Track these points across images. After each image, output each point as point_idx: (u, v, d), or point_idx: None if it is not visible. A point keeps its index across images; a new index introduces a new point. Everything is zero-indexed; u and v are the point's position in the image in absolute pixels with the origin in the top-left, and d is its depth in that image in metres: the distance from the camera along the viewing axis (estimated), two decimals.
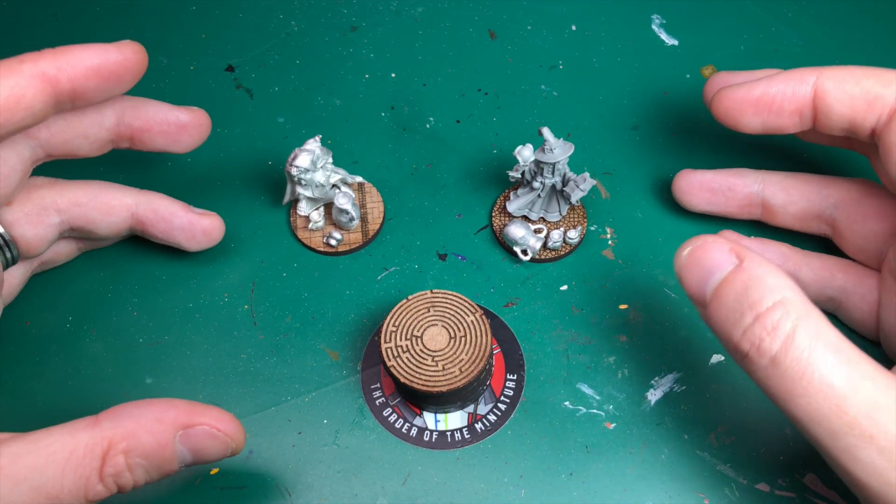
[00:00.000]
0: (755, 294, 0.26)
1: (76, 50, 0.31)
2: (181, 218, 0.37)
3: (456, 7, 0.48)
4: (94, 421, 0.28)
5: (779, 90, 0.33)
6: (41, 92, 0.30)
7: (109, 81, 0.31)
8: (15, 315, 0.38)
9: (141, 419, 0.28)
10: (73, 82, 0.30)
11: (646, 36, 0.46)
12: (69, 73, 0.30)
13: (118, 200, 0.36)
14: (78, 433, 0.27)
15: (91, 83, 0.31)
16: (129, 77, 0.32)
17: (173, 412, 0.28)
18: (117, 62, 0.32)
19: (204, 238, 0.37)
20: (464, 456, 0.34)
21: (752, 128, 0.35)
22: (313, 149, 0.37)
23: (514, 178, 0.38)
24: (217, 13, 0.48)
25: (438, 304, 0.33)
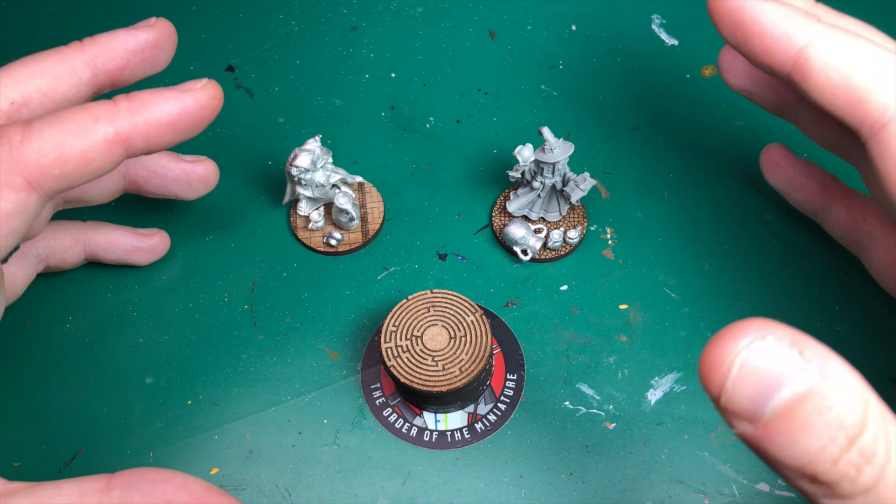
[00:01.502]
0: (842, 412, 0.20)
1: (155, 100, 0.28)
2: (174, 169, 0.36)
3: (456, 7, 0.48)
4: (107, 486, 0.26)
5: (762, 28, 0.27)
6: (113, 155, 0.28)
7: (186, 132, 0.29)
8: (15, 315, 0.38)
9: (151, 497, 0.26)
10: (148, 142, 0.28)
11: (646, 36, 0.46)
12: (145, 133, 0.28)
13: None
14: (87, 497, 0.26)
15: (167, 137, 0.29)
16: (203, 124, 0.30)
17: (185, 496, 0.26)
18: (195, 113, 0.29)
19: (201, 185, 0.37)
20: (464, 456, 0.34)
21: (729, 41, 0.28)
22: (313, 149, 0.37)
23: (514, 178, 0.38)
24: (217, 13, 0.48)
25: (438, 304, 0.33)
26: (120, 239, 0.37)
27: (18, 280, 0.36)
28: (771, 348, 0.20)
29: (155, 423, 0.35)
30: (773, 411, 0.20)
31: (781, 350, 0.20)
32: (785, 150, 0.37)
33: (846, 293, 0.37)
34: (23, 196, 0.27)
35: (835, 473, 0.20)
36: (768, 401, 0.20)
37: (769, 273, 0.38)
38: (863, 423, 0.20)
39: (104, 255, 0.37)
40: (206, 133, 0.43)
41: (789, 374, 0.20)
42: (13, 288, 0.35)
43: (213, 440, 0.35)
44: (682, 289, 0.38)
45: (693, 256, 0.39)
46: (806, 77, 0.26)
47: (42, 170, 0.27)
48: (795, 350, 0.20)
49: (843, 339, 0.36)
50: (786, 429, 0.20)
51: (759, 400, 0.20)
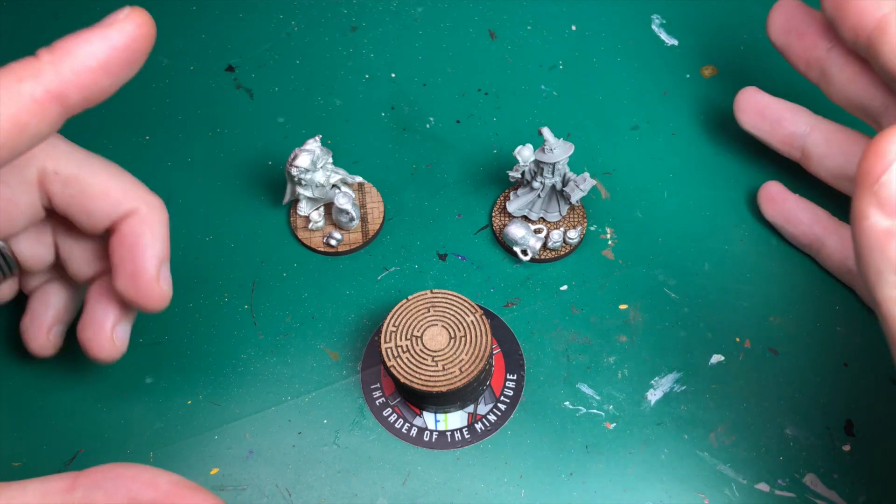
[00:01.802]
0: None
1: (76, 46, 0.25)
2: None
3: (456, 7, 0.48)
4: (71, 485, 0.25)
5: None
6: (48, 114, 0.25)
7: (122, 71, 0.27)
8: (15, 315, 0.38)
9: (115, 495, 0.25)
10: (82, 91, 0.26)
11: (646, 36, 0.46)
12: (76, 83, 0.26)
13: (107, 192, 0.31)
14: (49, 497, 0.25)
15: (103, 83, 0.26)
16: (140, 57, 0.27)
17: (151, 493, 0.25)
18: (125, 45, 0.26)
19: None
20: (464, 456, 0.34)
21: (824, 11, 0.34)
22: (313, 149, 0.37)
23: (514, 178, 0.38)
24: (217, 13, 0.48)
25: (438, 304, 0.33)
26: None
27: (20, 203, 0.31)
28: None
29: (155, 423, 0.35)
30: None
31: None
32: (780, 186, 0.39)
33: (846, 293, 0.38)
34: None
35: None
36: None
37: (769, 273, 0.38)
38: None
39: None
40: (207, 133, 0.43)
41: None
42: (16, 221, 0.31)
43: (213, 440, 0.35)
44: (682, 289, 0.38)
45: (693, 256, 0.39)
46: (882, 36, 0.31)
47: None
48: None
49: (843, 339, 0.36)
50: None
51: None
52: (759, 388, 0.35)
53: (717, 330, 0.37)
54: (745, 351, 0.36)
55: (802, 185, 0.39)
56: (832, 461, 0.34)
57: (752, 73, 0.44)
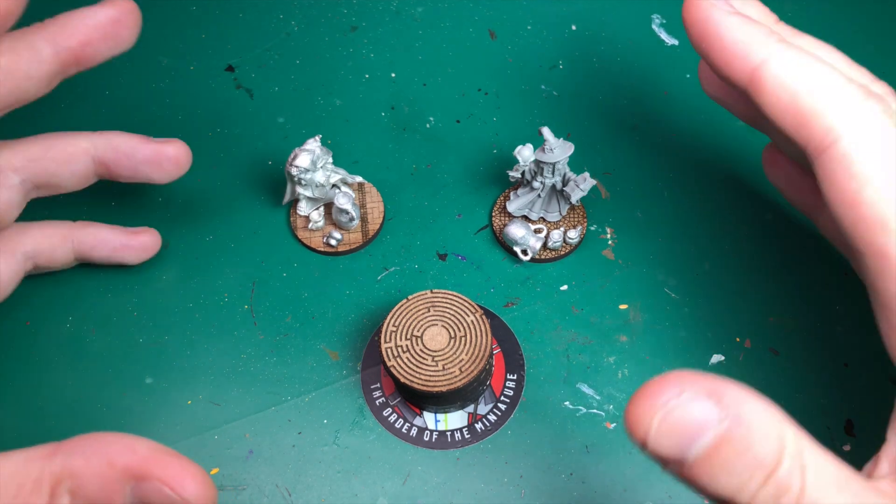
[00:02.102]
0: (760, 451, 0.22)
1: (70, 14, 0.30)
2: (144, 151, 0.35)
3: (456, 7, 0.48)
4: (52, 451, 0.25)
5: (723, 44, 0.28)
6: (46, 66, 0.29)
7: (107, 42, 0.31)
8: (15, 315, 0.38)
9: (91, 459, 0.25)
10: (74, 50, 0.30)
11: (646, 36, 0.46)
12: (68, 33, 0.30)
13: (74, 146, 0.35)
14: (30, 463, 0.25)
15: (93, 48, 0.30)
16: (126, 33, 0.32)
17: (128, 457, 0.25)
18: (111, 17, 0.31)
19: (172, 167, 0.36)
20: (464, 456, 0.34)
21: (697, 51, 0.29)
22: (313, 149, 0.37)
23: (514, 178, 0.38)
24: (217, 13, 0.48)
25: (438, 304, 0.33)
26: (109, 237, 0.37)
27: (3, 277, 0.35)
28: (688, 403, 0.22)
29: (155, 423, 0.35)
30: (695, 456, 0.22)
31: (698, 403, 0.22)
32: None
33: (846, 293, 0.37)
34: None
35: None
36: (690, 448, 0.22)
37: (769, 273, 0.38)
38: (778, 459, 0.22)
39: (93, 253, 0.37)
40: (207, 133, 0.43)
41: (707, 424, 0.22)
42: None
43: (213, 440, 0.35)
44: (682, 289, 0.38)
45: (693, 256, 0.39)
46: (759, 93, 0.27)
47: None
48: (712, 401, 0.22)
49: (843, 339, 0.36)
50: (709, 470, 0.22)
51: (682, 448, 0.22)
52: (759, 388, 0.35)
53: (717, 330, 0.37)
54: (745, 351, 0.36)
55: None
56: None
57: None
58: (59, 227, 0.37)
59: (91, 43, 0.32)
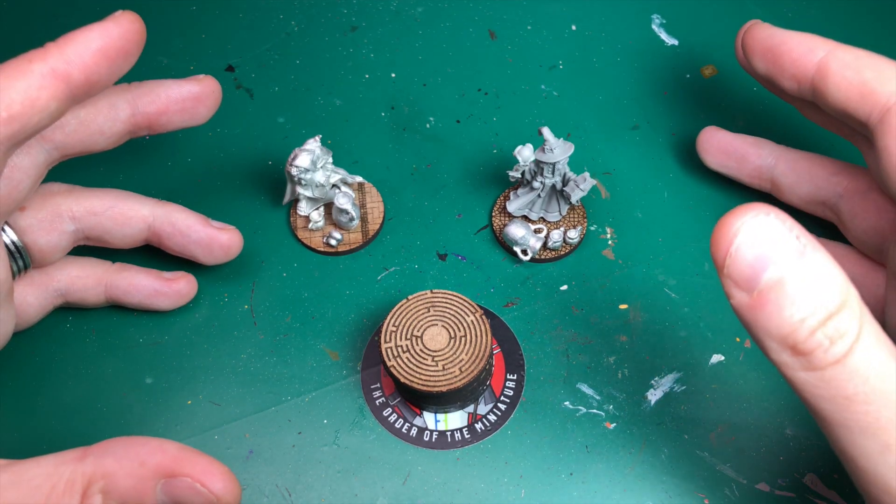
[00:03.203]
0: (825, 291, 0.23)
1: (79, 36, 0.29)
2: (199, 232, 0.36)
3: (456, 7, 0.48)
4: (82, 454, 0.26)
5: (790, 47, 0.33)
6: (56, 90, 0.29)
7: (119, 59, 0.30)
8: None
9: (123, 460, 0.26)
10: (85, 72, 0.29)
11: (646, 36, 0.46)
12: (79, 64, 0.29)
13: (135, 212, 0.36)
14: (62, 466, 0.26)
15: (102, 68, 0.30)
16: (134, 49, 0.31)
17: (159, 457, 0.26)
18: (120, 37, 0.30)
19: (222, 253, 0.37)
20: (464, 456, 0.34)
21: (758, 71, 0.35)
22: (313, 149, 0.37)
23: (514, 178, 0.38)
24: (217, 13, 0.48)
25: (438, 304, 0.33)
26: (143, 282, 0.37)
27: (31, 308, 0.35)
28: (771, 223, 0.23)
29: (155, 423, 0.35)
30: (767, 282, 0.23)
31: (780, 227, 0.23)
32: (715, 128, 0.40)
33: None
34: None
35: (811, 343, 0.23)
36: (764, 271, 0.23)
37: None
38: (842, 305, 0.23)
39: (125, 298, 0.37)
40: (207, 133, 0.43)
41: (784, 251, 0.23)
42: (24, 315, 0.35)
43: (213, 440, 0.35)
44: (682, 289, 0.38)
45: (693, 256, 0.39)
46: (826, 78, 0.32)
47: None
48: (794, 232, 0.23)
49: None
50: (775, 299, 0.23)
51: (757, 269, 0.23)
52: (759, 388, 0.35)
53: (717, 330, 0.37)
54: (745, 351, 0.36)
55: None
56: (832, 461, 0.34)
57: None
58: (95, 267, 0.36)
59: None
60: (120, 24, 0.30)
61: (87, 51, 0.29)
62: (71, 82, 0.29)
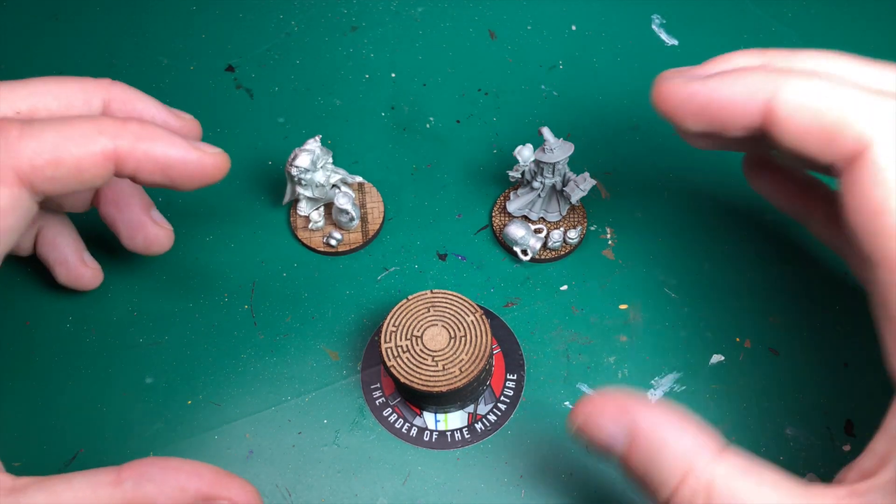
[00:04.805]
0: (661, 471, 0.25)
1: (159, 138, 0.29)
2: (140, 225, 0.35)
3: (456, 7, 0.48)
4: (117, 478, 0.26)
5: (729, 96, 0.27)
6: (105, 169, 0.28)
7: (173, 181, 0.29)
8: (15, 315, 0.38)
9: (164, 486, 0.26)
10: (137, 170, 0.28)
11: (646, 36, 0.46)
12: (139, 158, 0.28)
13: None
14: (99, 490, 0.26)
15: (155, 177, 0.29)
16: (196, 183, 0.30)
17: (197, 483, 0.27)
18: (192, 167, 0.29)
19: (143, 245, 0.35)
20: (464, 456, 0.34)
21: (694, 129, 0.29)
22: (313, 149, 0.37)
23: (514, 178, 0.38)
24: (217, 13, 0.48)
25: (438, 304, 0.33)
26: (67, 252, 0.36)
27: None
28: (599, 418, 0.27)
29: (155, 423, 0.35)
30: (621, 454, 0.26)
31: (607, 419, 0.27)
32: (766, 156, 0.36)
33: (846, 293, 0.37)
34: (16, 192, 0.27)
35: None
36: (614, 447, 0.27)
37: (769, 273, 0.38)
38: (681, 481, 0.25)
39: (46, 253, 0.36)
40: (207, 133, 0.43)
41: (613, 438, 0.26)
42: None
43: (213, 440, 0.35)
44: (682, 289, 0.38)
45: (693, 256, 0.39)
46: (779, 126, 0.26)
47: (35, 169, 0.27)
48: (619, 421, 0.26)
49: (843, 339, 0.36)
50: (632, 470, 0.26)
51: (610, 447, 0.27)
52: (759, 388, 0.35)
53: (717, 330, 0.37)
54: (745, 351, 0.36)
55: None
56: (832, 461, 0.34)
57: None
58: None
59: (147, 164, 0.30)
60: (204, 159, 0.29)
61: (156, 158, 0.28)
62: (120, 168, 0.28)
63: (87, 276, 0.37)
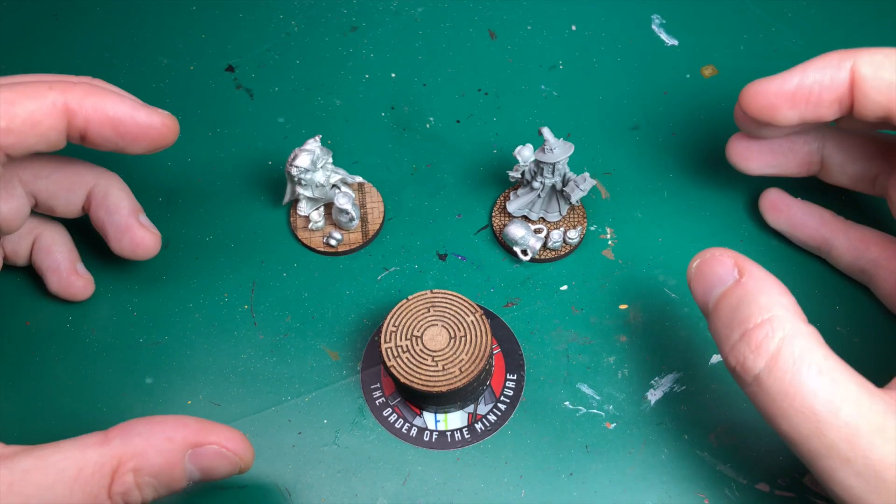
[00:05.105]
0: (745, 311, 0.27)
1: (109, 96, 0.31)
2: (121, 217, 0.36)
3: (456, 7, 0.48)
4: (104, 438, 0.27)
5: (815, 79, 0.32)
6: (58, 123, 0.30)
7: (123, 138, 0.31)
8: (15, 315, 0.38)
9: (151, 438, 0.27)
10: (88, 125, 0.30)
11: (646, 36, 0.46)
12: (88, 114, 0.30)
13: (80, 177, 0.35)
14: (87, 450, 0.26)
15: (104, 132, 0.31)
16: (145, 143, 0.32)
17: (183, 431, 0.28)
18: (141, 125, 0.31)
19: (130, 248, 0.36)
20: (464, 456, 0.34)
21: (789, 121, 0.33)
22: (313, 149, 0.37)
23: (514, 178, 0.38)
24: (217, 13, 0.48)
25: (438, 304, 0.33)
26: (60, 258, 0.37)
27: None
28: (715, 260, 0.29)
29: None
30: (711, 303, 0.29)
31: (721, 261, 0.29)
32: (781, 192, 0.39)
33: (846, 293, 0.37)
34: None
35: (731, 358, 0.27)
36: (709, 295, 0.29)
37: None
38: (757, 324, 0.27)
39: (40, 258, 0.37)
40: (207, 133, 0.43)
41: (720, 279, 0.29)
42: None
43: None
44: (682, 289, 0.38)
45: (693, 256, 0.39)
46: (863, 88, 0.30)
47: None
48: (731, 263, 0.29)
49: (844, 338, 0.36)
50: (714, 319, 0.28)
51: (705, 297, 0.29)
52: None
53: None
54: None
55: (803, 186, 0.39)
56: None
57: (752, 73, 0.44)
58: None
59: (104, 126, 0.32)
60: (152, 117, 0.31)
61: (105, 111, 0.30)
62: (74, 124, 0.30)
63: (77, 286, 0.37)
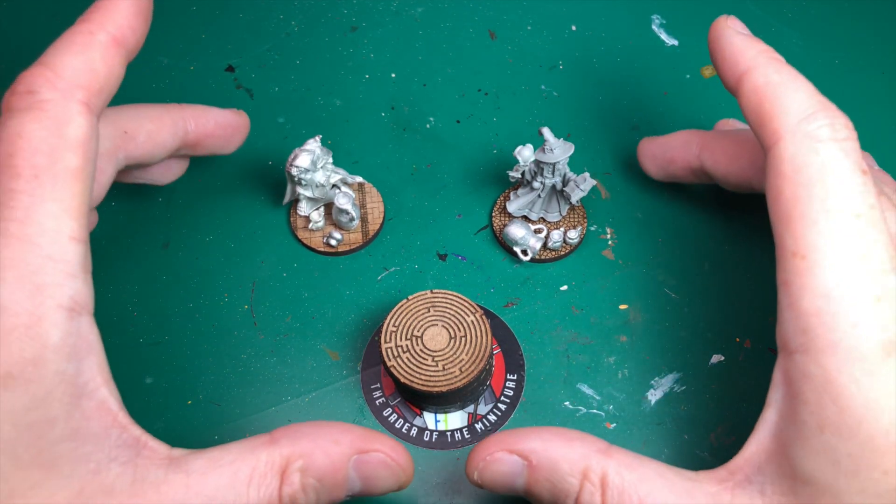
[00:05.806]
0: (561, 485, 0.27)
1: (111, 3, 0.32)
2: None
3: (456, 7, 0.48)
4: (271, 439, 0.27)
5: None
6: (120, 56, 0.30)
7: (147, 16, 0.32)
8: None
9: (318, 440, 0.27)
10: (134, 34, 0.31)
11: (646, 36, 0.46)
12: (128, 27, 0.31)
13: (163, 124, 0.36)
14: (257, 450, 0.27)
15: (142, 26, 0.32)
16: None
17: (350, 436, 0.28)
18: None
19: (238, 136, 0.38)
20: (464, 456, 0.34)
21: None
22: (313, 149, 0.37)
23: (514, 178, 0.38)
24: (217, 13, 0.48)
25: (438, 304, 0.33)
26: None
27: None
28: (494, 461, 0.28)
29: (155, 423, 0.35)
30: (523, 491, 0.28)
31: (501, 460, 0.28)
32: (650, 140, 0.39)
33: None
34: (86, 115, 0.28)
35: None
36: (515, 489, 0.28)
37: (769, 273, 0.38)
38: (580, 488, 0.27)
39: None
40: None
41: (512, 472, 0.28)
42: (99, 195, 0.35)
43: (213, 440, 0.35)
44: (682, 289, 0.38)
45: (693, 256, 0.39)
46: (738, 95, 0.30)
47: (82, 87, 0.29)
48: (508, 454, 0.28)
49: None
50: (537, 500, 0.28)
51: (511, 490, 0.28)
52: (759, 388, 0.35)
53: (717, 330, 0.37)
54: (745, 351, 0.36)
55: None
56: None
57: None
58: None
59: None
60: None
61: (127, 13, 0.31)
62: (127, 46, 0.31)
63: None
